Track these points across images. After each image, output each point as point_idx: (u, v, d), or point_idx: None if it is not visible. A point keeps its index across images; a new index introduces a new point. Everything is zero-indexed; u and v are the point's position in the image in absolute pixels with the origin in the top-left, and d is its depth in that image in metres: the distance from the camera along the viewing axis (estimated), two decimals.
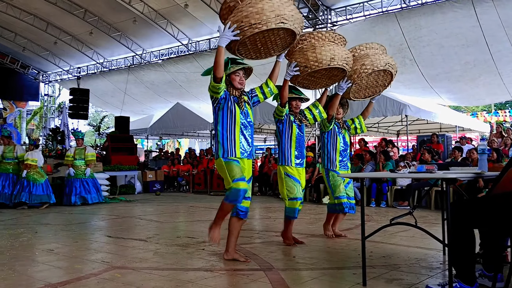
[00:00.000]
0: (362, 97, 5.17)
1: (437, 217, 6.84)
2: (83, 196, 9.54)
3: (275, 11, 3.56)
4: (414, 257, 4.02)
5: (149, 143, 22.17)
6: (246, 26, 3.57)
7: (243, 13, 3.55)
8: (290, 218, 4.64)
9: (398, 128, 16.88)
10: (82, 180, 9.65)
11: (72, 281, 3.31)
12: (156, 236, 5.44)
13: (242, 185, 3.60)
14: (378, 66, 4.64)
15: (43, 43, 17.74)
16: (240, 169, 3.70)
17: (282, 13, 3.58)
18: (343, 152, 5.08)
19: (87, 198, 9.57)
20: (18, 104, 21.82)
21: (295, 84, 4.75)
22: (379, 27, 11.44)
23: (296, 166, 4.62)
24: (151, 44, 16.35)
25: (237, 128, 3.78)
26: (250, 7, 3.55)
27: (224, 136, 3.76)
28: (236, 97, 3.87)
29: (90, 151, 10.00)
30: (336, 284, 3.17)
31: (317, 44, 4.23)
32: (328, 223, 5.21)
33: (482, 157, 3.27)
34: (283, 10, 3.60)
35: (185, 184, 14.57)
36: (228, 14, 3.74)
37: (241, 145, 3.77)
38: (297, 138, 4.65)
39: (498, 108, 22.97)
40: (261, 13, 3.52)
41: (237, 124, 3.78)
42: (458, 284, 2.71)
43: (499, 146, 9.75)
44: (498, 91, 12.39)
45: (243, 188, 3.61)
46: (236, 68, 3.86)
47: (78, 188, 9.51)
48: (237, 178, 3.60)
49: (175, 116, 16.68)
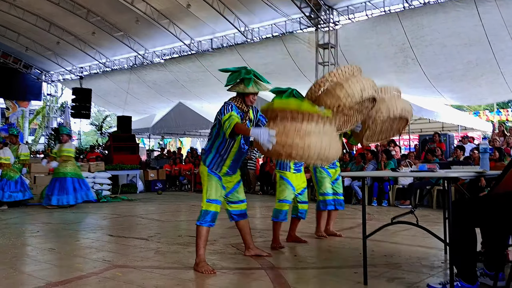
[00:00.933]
0: (375, 141, 5.02)
1: (438, 216, 6.82)
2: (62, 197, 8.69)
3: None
4: (416, 256, 4.01)
5: (151, 142, 22.18)
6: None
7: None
8: (276, 219, 4.52)
9: None
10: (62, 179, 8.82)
11: (73, 279, 3.32)
12: (157, 235, 5.44)
13: (213, 207, 3.58)
14: (394, 112, 4.47)
15: (46, 43, 17.79)
16: (219, 186, 3.65)
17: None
18: None
19: (64, 199, 8.67)
20: (20, 103, 21.90)
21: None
22: (381, 27, 11.42)
23: (294, 172, 4.59)
24: (154, 44, 16.38)
25: (232, 152, 3.64)
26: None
27: (217, 153, 3.64)
28: (243, 112, 3.64)
29: (70, 147, 9.14)
30: (337, 283, 3.16)
31: (342, 81, 4.13)
32: (318, 223, 5.12)
33: (484, 156, 3.26)
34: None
35: (187, 183, 14.58)
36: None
37: (229, 168, 3.70)
38: None
39: (500, 107, 22.89)
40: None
41: (233, 149, 3.64)
42: (459, 283, 2.71)
43: (501, 145, 9.72)
44: (501, 90, 12.35)
45: (213, 211, 3.58)
46: (256, 91, 3.57)
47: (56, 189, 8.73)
48: (210, 199, 3.58)
49: (177, 116, 16.69)
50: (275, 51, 13.55)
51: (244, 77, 3.51)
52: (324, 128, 3.19)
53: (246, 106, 3.63)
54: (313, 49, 12.42)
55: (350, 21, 12.14)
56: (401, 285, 3.05)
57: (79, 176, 9.09)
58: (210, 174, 3.62)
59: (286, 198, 4.52)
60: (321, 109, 3.57)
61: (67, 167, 8.88)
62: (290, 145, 3.09)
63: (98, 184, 11.01)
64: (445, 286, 2.76)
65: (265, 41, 13.67)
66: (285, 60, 13.60)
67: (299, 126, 3.12)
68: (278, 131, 3.12)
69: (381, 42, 11.72)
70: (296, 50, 13.23)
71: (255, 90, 3.53)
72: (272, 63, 13.97)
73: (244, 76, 3.50)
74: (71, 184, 8.81)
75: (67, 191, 8.70)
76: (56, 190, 8.67)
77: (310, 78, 13.05)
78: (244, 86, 3.51)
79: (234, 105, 3.53)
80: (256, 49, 13.97)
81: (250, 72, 3.53)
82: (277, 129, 3.13)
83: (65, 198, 8.66)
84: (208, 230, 3.62)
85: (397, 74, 12.46)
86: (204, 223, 3.57)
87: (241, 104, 3.60)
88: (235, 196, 3.82)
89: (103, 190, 10.96)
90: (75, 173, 8.99)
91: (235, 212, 3.84)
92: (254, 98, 3.64)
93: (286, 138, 3.10)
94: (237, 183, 3.82)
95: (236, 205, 3.83)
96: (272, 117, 3.24)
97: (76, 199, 8.81)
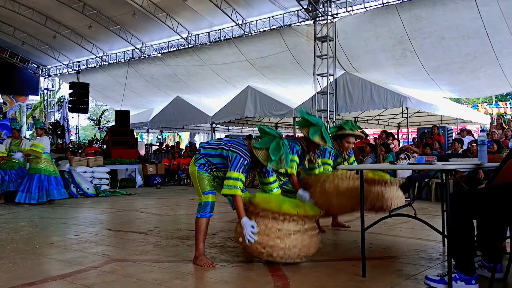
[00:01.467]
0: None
1: (437, 209, 6.84)
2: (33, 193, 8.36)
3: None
4: (414, 248, 4.03)
5: (150, 136, 22.16)
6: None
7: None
8: None
9: (398, 120, 16.86)
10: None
11: (72, 273, 3.32)
12: (156, 229, 5.44)
13: (210, 198, 3.61)
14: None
15: (42, 37, 17.70)
16: (210, 179, 3.67)
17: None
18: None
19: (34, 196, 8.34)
20: (18, 98, 21.82)
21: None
22: (379, 19, 11.38)
23: None
24: (151, 37, 16.31)
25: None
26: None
27: (212, 165, 3.65)
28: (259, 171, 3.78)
29: (40, 142, 8.67)
30: (335, 276, 3.17)
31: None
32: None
33: (481, 148, 3.26)
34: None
35: (185, 177, 14.58)
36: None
37: (218, 177, 3.73)
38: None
39: (499, 100, 22.92)
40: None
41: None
42: (457, 275, 2.71)
43: (500, 137, 9.74)
44: (499, 83, 12.35)
45: (212, 201, 3.61)
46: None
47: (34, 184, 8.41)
48: (207, 191, 3.60)
49: (175, 110, 16.67)
50: (273, 44, 13.50)
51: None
52: (304, 227, 3.39)
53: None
54: (311, 42, 12.39)
55: (348, 13, 12.09)
56: (399, 277, 3.06)
57: (51, 173, 8.60)
58: (200, 171, 3.64)
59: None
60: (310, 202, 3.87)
61: (39, 163, 8.48)
62: (271, 246, 3.27)
63: (97, 179, 11.02)
64: (443, 278, 2.77)
65: (263, 34, 13.62)
66: (283, 53, 13.56)
67: (280, 226, 3.30)
68: (259, 230, 3.30)
69: (379, 35, 11.68)
70: (294, 43, 13.19)
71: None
72: (270, 57, 13.93)
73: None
74: (39, 182, 8.38)
75: (33, 189, 8.29)
76: (23, 187, 8.34)
77: (308, 72, 13.03)
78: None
79: (248, 162, 3.50)
80: (254, 43, 13.92)
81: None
82: (258, 228, 3.31)
83: (30, 195, 8.26)
84: (208, 222, 3.63)
85: (395, 66, 12.45)
86: (204, 214, 3.59)
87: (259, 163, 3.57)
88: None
89: (101, 184, 10.97)
90: (47, 170, 8.53)
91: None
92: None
93: (268, 238, 3.27)
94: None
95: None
96: (254, 213, 3.40)
97: (42, 197, 8.36)
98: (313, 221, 3.51)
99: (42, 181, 8.42)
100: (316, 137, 4.12)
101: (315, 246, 3.44)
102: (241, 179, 3.43)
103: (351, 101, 12.06)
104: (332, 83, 12.19)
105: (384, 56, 12.21)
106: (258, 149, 3.46)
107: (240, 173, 3.43)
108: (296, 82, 14.65)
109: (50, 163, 8.72)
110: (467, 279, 2.69)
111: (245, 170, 3.49)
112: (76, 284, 3.02)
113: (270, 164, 3.45)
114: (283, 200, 3.53)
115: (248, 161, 3.49)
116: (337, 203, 4.11)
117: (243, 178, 3.45)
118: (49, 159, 8.70)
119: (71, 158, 10.95)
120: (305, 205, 3.61)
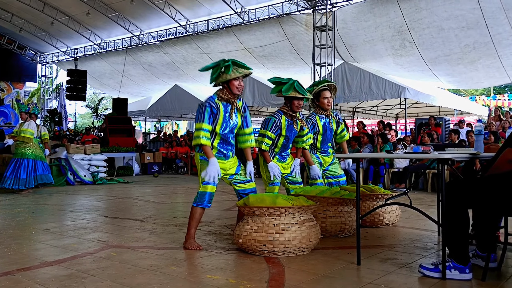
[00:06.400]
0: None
1: (433, 199, 6.87)
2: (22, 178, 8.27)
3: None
4: (409, 237, 4.05)
5: (147, 125, 22.12)
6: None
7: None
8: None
9: (397, 111, 16.87)
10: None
11: (68, 259, 3.33)
12: (153, 216, 5.46)
13: (209, 188, 3.61)
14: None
15: (40, 24, 17.56)
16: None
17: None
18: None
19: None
20: (15, 85, 21.72)
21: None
22: (379, 9, 11.32)
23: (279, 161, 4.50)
24: (149, 25, 16.19)
25: (217, 139, 3.67)
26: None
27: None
28: (229, 103, 3.66)
29: (28, 127, 8.48)
30: (330, 263, 3.19)
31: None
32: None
33: (478, 138, 3.26)
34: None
35: (183, 166, 14.60)
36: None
37: (218, 152, 3.70)
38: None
39: (497, 92, 22.92)
40: None
41: (217, 137, 3.67)
42: (451, 264, 2.73)
43: (497, 129, 9.75)
44: (497, 74, 12.35)
45: (210, 191, 3.62)
46: (238, 75, 3.57)
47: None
48: (206, 181, 3.60)
49: (173, 98, 16.63)
50: (272, 33, 13.43)
51: (223, 66, 3.56)
52: (301, 218, 3.42)
53: (233, 96, 3.66)
54: (310, 31, 12.32)
55: (348, 3, 12.01)
56: (394, 266, 3.08)
57: (38, 158, 8.51)
58: (202, 160, 3.65)
59: (274, 181, 4.47)
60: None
61: (27, 148, 8.37)
62: (271, 241, 3.30)
63: (94, 167, 11.02)
64: (438, 266, 2.79)
65: (261, 22, 13.54)
66: (282, 42, 13.49)
67: (277, 221, 3.35)
68: (257, 229, 3.34)
69: (378, 25, 11.62)
70: (293, 32, 13.12)
71: (236, 74, 3.56)
72: (268, 46, 13.86)
73: (223, 65, 3.56)
74: (26, 167, 8.28)
75: (21, 174, 8.19)
76: (10, 172, 8.21)
77: (307, 61, 12.99)
78: (225, 74, 3.56)
79: (208, 108, 3.57)
80: (252, 31, 13.84)
81: (229, 60, 3.58)
82: (256, 227, 3.35)
83: (18, 181, 8.17)
84: (202, 212, 3.68)
85: (394, 57, 12.41)
86: (200, 204, 3.63)
87: (227, 95, 3.63)
88: (238, 179, 3.81)
89: (99, 172, 10.97)
90: (34, 155, 8.43)
91: (242, 191, 3.84)
92: (240, 84, 3.65)
93: (267, 235, 3.31)
94: (236, 168, 3.81)
95: (241, 184, 3.83)
96: (249, 213, 3.43)
97: (30, 182, 8.28)
98: (309, 212, 3.52)
99: (29, 166, 8.30)
100: (290, 92, 4.10)
101: (315, 237, 3.46)
102: (204, 128, 3.52)
103: (350, 91, 12.03)
104: (331, 73, 12.15)
105: (383, 46, 12.16)
106: (216, 81, 3.62)
107: (201, 123, 3.53)
108: (295, 72, 14.60)
109: (37, 147, 8.60)
110: (461, 267, 2.71)
111: (209, 117, 3.56)
112: (72, 270, 3.02)
113: (229, 73, 3.51)
114: (276, 196, 3.55)
115: (208, 105, 3.57)
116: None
117: (206, 126, 3.53)
118: (36, 144, 8.56)
119: (68, 146, 10.94)
120: (299, 198, 3.62)
